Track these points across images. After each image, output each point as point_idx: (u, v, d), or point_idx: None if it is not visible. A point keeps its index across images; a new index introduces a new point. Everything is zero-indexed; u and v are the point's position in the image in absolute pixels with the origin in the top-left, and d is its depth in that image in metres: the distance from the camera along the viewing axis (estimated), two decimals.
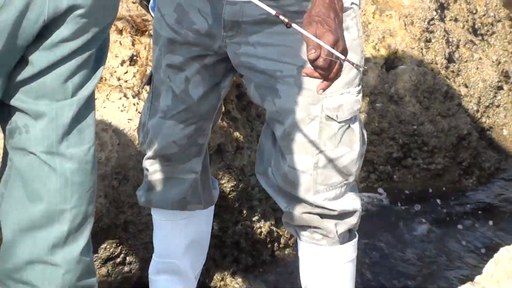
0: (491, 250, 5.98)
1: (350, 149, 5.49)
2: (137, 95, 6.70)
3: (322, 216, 5.57)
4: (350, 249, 5.74)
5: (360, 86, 5.54)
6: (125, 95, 6.66)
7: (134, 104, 6.60)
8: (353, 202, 5.60)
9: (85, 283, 4.72)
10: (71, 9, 4.29)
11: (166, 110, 5.62)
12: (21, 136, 4.55)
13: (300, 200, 5.56)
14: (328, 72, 4.67)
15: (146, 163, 5.83)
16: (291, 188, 5.53)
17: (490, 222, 7.99)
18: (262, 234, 7.05)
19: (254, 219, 6.99)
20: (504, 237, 7.50)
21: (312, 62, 4.64)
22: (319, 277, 5.76)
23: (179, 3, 5.48)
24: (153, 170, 5.79)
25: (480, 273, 5.50)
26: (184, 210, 5.93)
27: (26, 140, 4.54)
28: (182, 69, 5.54)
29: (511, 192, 8.02)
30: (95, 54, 4.55)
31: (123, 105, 6.50)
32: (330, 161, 5.48)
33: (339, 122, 5.42)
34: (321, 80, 4.74)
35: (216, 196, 6.07)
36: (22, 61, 4.43)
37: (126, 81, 6.64)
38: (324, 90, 4.75)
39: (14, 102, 4.50)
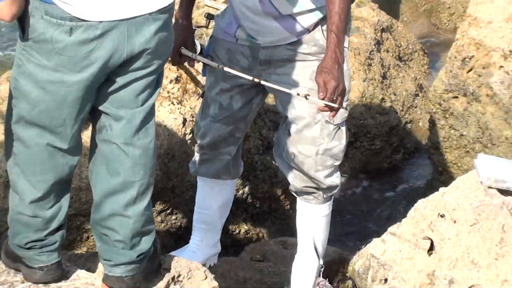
0: (413, 202, 6.01)
1: (339, 143, 5.82)
2: (179, 103, 6.69)
3: (317, 188, 5.92)
4: (329, 206, 6.05)
5: (348, 101, 5.78)
6: (172, 103, 6.63)
7: (177, 109, 6.61)
8: (337, 179, 5.92)
9: (147, 229, 4.97)
10: (142, 51, 4.59)
11: (214, 116, 5.89)
12: (106, 132, 4.81)
13: (303, 175, 5.87)
14: (332, 107, 5.22)
15: (197, 148, 6.08)
16: (299, 167, 5.83)
17: (411, 183, 8.17)
18: (263, 193, 7.11)
19: (256, 183, 7.09)
20: (420, 190, 7.61)
21: (322, 98, 5.21)
22: (308, 222, 6.01)
23: (229, 48, 5.77)
24: (202, 152, 6.03)
25: (405, 216, 5.90)
26: (219, 179, 6.18)
27: (110, 135, 4.81)
28: (229, 90, 5.84)
29: (424, 162, 8.08)
30: (156, 77, 4.81)
31: (170, 109, 6.51)
32: (326, 150, 5.79)
33: (334, 125, 5.74)
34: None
35: (241, 171, 6.31)
36: (109, 81, 4.65)
37: (172, 94, 6.66)
38: (333, 116, 5.35)
39: (102, 108, 4.77)
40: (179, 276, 5.33)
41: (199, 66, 6.42)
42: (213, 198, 6.28)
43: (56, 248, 5.03)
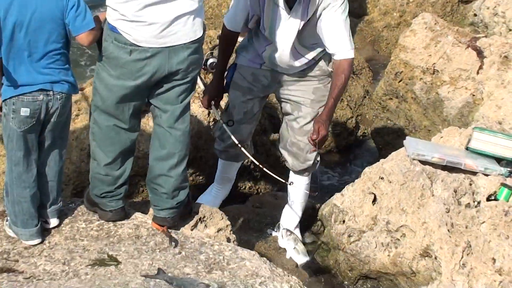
0: (362, 169, 5.89)
1: (325, 133, 5.51)
2: None
3: (308, 167, 5.82)
4: (310, 177, 5.96)
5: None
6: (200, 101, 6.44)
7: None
8: (318, 158, 5.85)
9: (183, 185, 5.00)
10: (178, 69, 4.67)
11: (239, 120, 5.70)
12: (158, 119, 4.89)
13: (301, 158, 5.75)
14: (320, 144, 5.30)
15: (224, 145, 5.86)
16: (299, 151, 5.71)
17: (361, 157, 8.07)
18: (272, 157, 6.90)
19: (259, 157, 6.66)
20: (367, 161, 7.55)
21: (314, 139, 5.23)
22: (299, 188, 5.91)
23: (253, 72, 5.61)
24: (231, 148, 5.80)
25: (357, 178, 5.83)
26: (237, 161, 6.12)
27: (160, 121, 4.88)
28: (252, 100, 5.68)
29: (370, 143, 8.02)
30: (190, 85, 4.82)
31: (199, 105, 6.27)
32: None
33: None
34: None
35: (252, 151, 6.08)
36: (158, 85, 4.74)
37: (201, 95, 6.15)
38: (314, 150, 5.46)
39: (154, 103, 4.85)
40: (204, 217, 5.32)
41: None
42: (233, 169, 6.19)
43: (121, 198, 5.07)
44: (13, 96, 4.48)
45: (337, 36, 5.23)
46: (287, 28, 5.30)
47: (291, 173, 5.94)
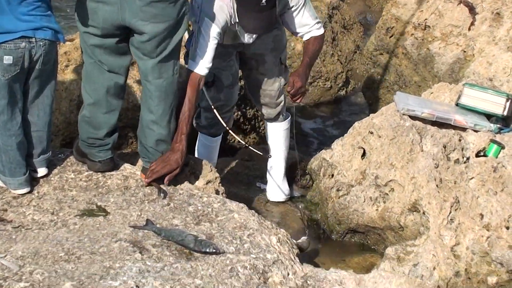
0: (352, 123, 5.84)
1: (285, 80, 5.74)
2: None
3: (279, 113, 5.86)
4: (287, 123, 5.99)
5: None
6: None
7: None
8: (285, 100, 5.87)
9: (168, 140, 4.95)
10: (134, 21, 4.59)
11: (230, 83, 5.67)
12: (139, 69, 4.87)
13: (271, 104, 5.79)
14: (298, 96, 5.31)
15: (210, 114, 5.68)
16: (271, 100, 5.76)
17: (351, 111, 8.11)
18: (249, 115, 7.02)
19: (245, 110, 6.95)
20: (357, 116, 7.53)
21: (288, 91, 5.27)
22: (277, 135, 5.97)
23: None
24: (221, 116, 5.54)
25: (346, 133, 5.82)
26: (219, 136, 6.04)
27: (140, 72, 4.87)
28: (232, 60, 5.62)
29: (360, 97, 8.03)
30: (169, 38, 4.68)
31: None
32: (281, 84, 5.74)
33: (283, 65, 5.75)
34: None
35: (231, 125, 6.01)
36: (131, 33, 4.67)
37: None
38: (294, 102, 5.44)
39: (132, 51, 4.78)
40: (193, 169, 5.27)
41: None
42: (214, 151, 6.09)
43: (110, 148, 5.00)
44: None
45: (303, 25, 5.43)
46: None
47: (267, 124, 5.99)
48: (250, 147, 5.67)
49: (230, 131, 5.68)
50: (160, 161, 4.89)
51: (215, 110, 5.51)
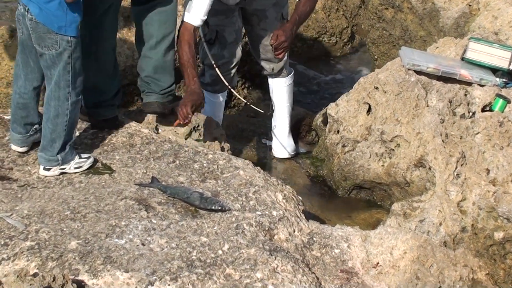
0: (357, 79, 5.90)
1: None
2: None
3: (282, 68, 5.80)
4: (291, 78, 5.96)
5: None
6: None
7: None
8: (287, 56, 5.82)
9: (166, 68, 4.98)
10: None
11: (235, 39, 5.61)
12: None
13: (274, 60, 5.74)
14: (280, 50, 5.27)
15: (212, 71, 5.61)
16: (271, 55, 5.65)
17: (356, 66, 8.08)
18: (254, 71, 6.75)
19: (250, 66, 6.82)
20: (362, 71, 7.55)
21: (271, 44, 5.26)
22: (281, 91, 5.95)
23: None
24: (225, 73, 5.57)
25: (352, 88, 5.79)
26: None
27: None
28: (235, 17, 5.58)
29: (365, 52, 8.00)
30: None
31: None
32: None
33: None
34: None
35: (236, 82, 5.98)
36: None
37: None
38: (276, 56, 5.39)
39: None
40: (198, 126, 5.25)
41: None
42: (219, 108, 5.99)
43: (115, 107, 4.96)
44: None
45: None
46: None
47: (270, 80, 5.96)
48: (251, 105, 5.60)
49: (232, 89, 5.63)
50: (182, 103, 4.81)
51: (217, 69, 5.47)
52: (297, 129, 6.22)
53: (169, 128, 5.17)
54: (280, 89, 5.95)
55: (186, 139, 5.13)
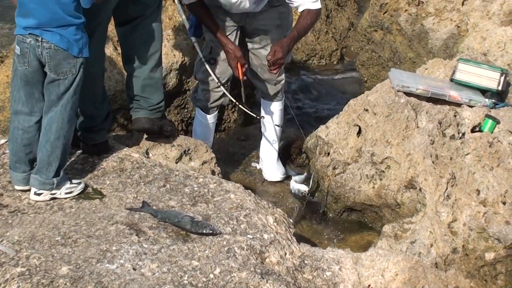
0: (347, 101, 5.88)
1: (290, 56, 5.72)
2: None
3: (278, 91, 5.82)
4: (283, 103, 6.01)
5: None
6: (186, 33, 6.35)
7: (189, 38, 6.31)
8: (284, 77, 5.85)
9: (155, 85, 5.02)
10: None
11: (224, 58, 5.58)
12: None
13: (273, 82, 5.80)
14: (275, 66, 5.30)
15: (206, 86, 5.70)
16: (271, 76, 5.72)
17: (346, 88, 8.07)
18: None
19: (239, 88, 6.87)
20: (352, 93, 7.50)
21: (268, 59, 5.28)
22: (270, 114, 5.96)
23: (224, 11, 5.52)
24: (218, 88, 5.67)
25: (341, 110, 5.80)
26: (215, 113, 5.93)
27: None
28: (230, 34, 5.60)
29: (355, 74, 7.97)
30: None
31: (185, 38, 6.26)
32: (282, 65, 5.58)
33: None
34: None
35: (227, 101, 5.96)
36: None
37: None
38: (270, 71, 5.43)
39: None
40: (188, 149, 5.28)
41: None
42: (210, 130, 5.99)
43: (105, 131, 4.98)
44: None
45: None
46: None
47: (263, 102, 5.98)
48: (243, 106, 5.60)
49: (222, 86, 5.64)
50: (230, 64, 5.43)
51: (207, 65, 5.59)
52: (288, 151, 6.23)
53: (160, 152, 5.18)
54: (272, 112, 5.98)
55: (176, 163, 5.14)
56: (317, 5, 5.43)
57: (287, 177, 6.11)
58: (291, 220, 4.64)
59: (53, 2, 4.17)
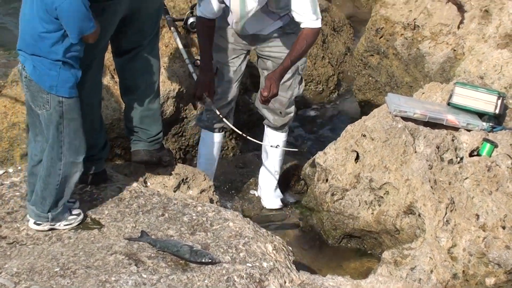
0: (344, 126, 5.90)
1: (302, 86, 5.82)
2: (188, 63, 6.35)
3: (286, 123, 5.86)
4: (287, 135, 6.02)
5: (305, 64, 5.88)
6: (183, 62, 6.33)
7: (186, 64, 6.20)
8: (294, 109, 5.90)
9: (153, 116, 5.00)
10: None
11: (230, 79, 5.68)
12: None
13: (280, 113, 5.81)
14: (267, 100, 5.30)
15: (209, 109, 5.74)
16: (281, 107, 5.76)
17: (343, 114, 8.06)
18: (243, 120, 6.87)
19: (238, 115, 6.82)
20: (349, 118, 7.52)
21: (265, 96, 5.27)
22: (275, 142, 5.92)
23: (234, 33, 5.61)
24: (218, 112, 5.63)
25: (339, 136, 5.80)
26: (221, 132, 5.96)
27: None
28: (237, 58, 5.70)
29: (352, 100, 7.99)
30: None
31: (181, 65, 6.31)
32: (295, 92, 5.76)
33: (300, 75, 5.78)
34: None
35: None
36: None
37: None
38: (262, 102, 5.47)
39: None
40: (186, 178, 5.28)
41: None
42: (216, 150, 5.99)
43: (102, 160, 4.97)
44: None
45: (301, 6, 5.30)
46: (254, 3, 5.31)
47: (268, 131, 5.97)
48: (248, 137, 5.62)
49: (224, 119, 5.64)
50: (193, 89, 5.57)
51: (207, 98, 5.56)
52: (286, 178, 6.24)
53: (158, 181, 5.19)
54: (276, 142, 5.96)
55: (174, 191, 5.15)
56: (317, 24, 5.37)
57: (286, 205, 6.13)
58: (290, 248, 4.65)
59: (34, 24, 4.08)
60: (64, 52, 4.11)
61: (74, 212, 4.53)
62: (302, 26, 5.34)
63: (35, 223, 4.44)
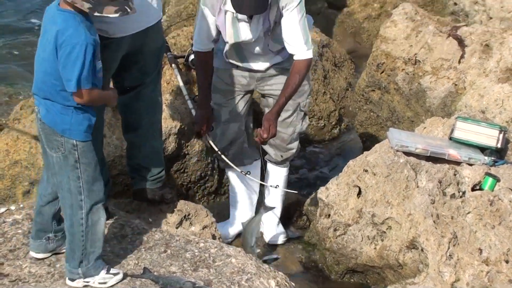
0: (346, 162, 5.89)
1: (305, 123, 5.85)
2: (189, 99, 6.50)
3: (287, 158, 5.89)
4: (288, 170, 6.05)
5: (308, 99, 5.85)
6: (184, 98, 6.58)
7: (187, 101, 6.52)
8: (297, 145, 5.93)
9: (153, 160, 5.08)
10: None
11: (227, 119, 5.71)
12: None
13: (282, 148, 5.83)
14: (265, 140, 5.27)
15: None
16: (282, 143, 5.79)
17: (345, 149, 8.03)
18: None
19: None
20: (351, 154, 7.51)
21: (264, 138, 5.24)
22: (278, 178, 5.98)
23: (231, 74, 5.64)
24: (227, 151, 5.74)
25: (341, 172, 5.82)
26: (244, 165, 5.91)
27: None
28: (233, 99, 5.72)
29: (353, 135, 7.99)
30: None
31: (182, 102, 6.35)
32: (297, 129, 5.79)
33: (303, 111, 5.79)
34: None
35: (257, 153, 5.97)
36: None
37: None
38: (257, 143, 5.43)
39: None
40: (188, 215, 5.32)
41: None
42: (249, 186, 6.03)
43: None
44: None
45: (292, 37, 5.33)
46: (249, 35, 5.36)
47: (270, 166, 5.98)
48: (249, 176, 5.69)
49: (223, 156, 5.65)
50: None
51: (211, 142, 5.60)
52: (288, 213, 6.24)
53: (160, 217, 5.21)
54: (277, 177, 5.99)
55: (177, 228, 5.17)
56: (309, 55, 5.38)
57: (288, 240, 6.12)
58: (293, 284, 4.66)
59: (47, 70, 4.09)
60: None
61: (112, 271, 4.41)
62: (295, 58, 5.35)
63: (69, 279, 4.36)
